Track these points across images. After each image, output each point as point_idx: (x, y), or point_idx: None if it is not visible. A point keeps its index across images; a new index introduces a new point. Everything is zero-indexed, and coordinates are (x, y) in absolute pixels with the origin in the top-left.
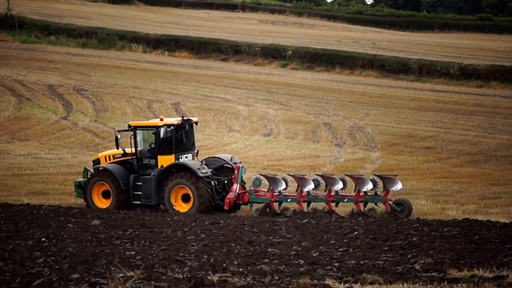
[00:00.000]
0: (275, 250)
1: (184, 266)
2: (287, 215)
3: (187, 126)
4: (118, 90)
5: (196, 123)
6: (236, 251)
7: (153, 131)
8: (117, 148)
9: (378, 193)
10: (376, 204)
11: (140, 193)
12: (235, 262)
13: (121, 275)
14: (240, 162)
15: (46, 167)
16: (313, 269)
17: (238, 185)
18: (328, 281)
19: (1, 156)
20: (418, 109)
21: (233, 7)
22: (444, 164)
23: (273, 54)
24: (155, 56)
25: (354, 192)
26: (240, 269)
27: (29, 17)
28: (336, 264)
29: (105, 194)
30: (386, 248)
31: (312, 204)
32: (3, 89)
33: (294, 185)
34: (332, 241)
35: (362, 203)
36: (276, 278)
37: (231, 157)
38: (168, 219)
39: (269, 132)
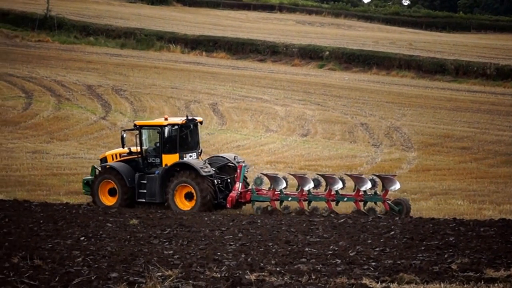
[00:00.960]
0: (312, 250)
1: (222, 265)
2: (324, 214)
3: (191, 125)
4: (156, 90)
5: (201, 122)
6: (274, 250)
7: (158, 130)
8: (123, 147)
9: (378, 192)
10: (375, 203)
11: (145, 191)
12: (273, 262)
13: (159, 274)
14: (243, 161)
15: (85, 167)
16: (350, 269)
17: (241, 183)
18: (365, 281)
19: (40, 156)
20: (454, 110)
21: (270, 8)
22: (480, 164)
23: (310, 54)
24: (193, 56)
25: (354, 191)
26: (278, 269)
27: (69, 18)
28: (373, 263)
29: (111, 192)
30: (422, 248)
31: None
32: (42, 89)
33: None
34: (369, 241)
35: (362, 202)
36: (313, 277)
37: (235, 156)
38: (206, 218)
39: (306, 132)
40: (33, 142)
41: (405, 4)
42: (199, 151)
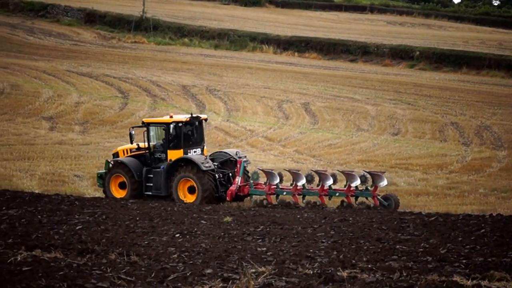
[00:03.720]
0: (403, 247)
1: (314, 262)
2: (414, 212)
3: (196, 122)
4: (249, 90)
5: (206, 119)
6: (365, 247)
7: (164, 127)
8: (131, 143)
9: (368, 188)
10: (366, 198)
11: (152, 184)
12: (364, 259)
13: (253, 270)
14: (245, 157)
15: None
16: (441, 266)
17: (240, 178)
18: (456, 278)
19: None
20: None
21: (361, 9)
22: None
23: (401, 54)
24: (285, 57)
25: (345, 186)
26: (369, 266)
27: (164, 20)
28: (464, 261)
29: (122, 185)
30: None
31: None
32: (138, 90)
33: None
34: (460, 239)
35: (353, 197)
36: (404, 274)
37: (236, 152)
38: (298, 216)
39: (397, 131)
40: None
41: (495, 4)
42: (203, 146)
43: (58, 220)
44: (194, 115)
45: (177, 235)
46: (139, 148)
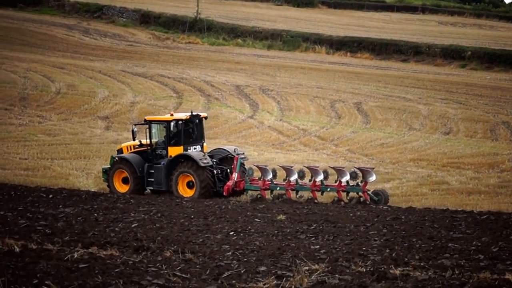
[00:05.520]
0: (455, 245)
1: (367, 260)
2: (466, 210)
3: (196, 120)
4: (302, 90)
5: (206, 118)
6: (418, 245)
7: (164, 125)
8: (134, 140)
9: (359, 183)
10: (357, 193)
11: (153, 179)
12: (417, 257)
13: (306, 268)
14: (243, 153)
15: None
16: (493, 264)
17: (237, 173)
18: (508, 276)
19: None
20: None
21: (413, 9)
22: None
23: (452, 54)
24: (338, 57)
25: (336, 182)
26: (422, 264)
27: (217, 21)
28: None
29: (125, 180)
30: None
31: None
32: (192, 89)
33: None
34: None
35: (344, 192)
36: (457, 272)
37: (235, 149)
38: (351, 214)
39: (449, 130)
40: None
41: None
42: (203, 143)
43: (114, 218)
44: (194, 113)
45: (231, 233)
46: (141, 145)
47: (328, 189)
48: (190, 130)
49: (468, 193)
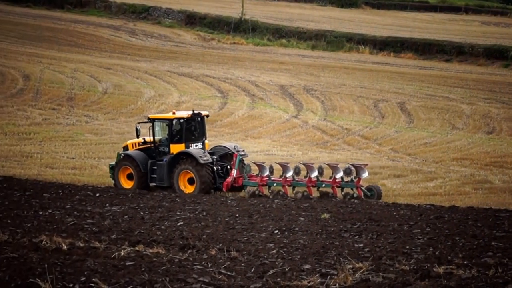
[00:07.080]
0: (499, 244)
1: (411, 258)
2: (509, 209)
3: (198, 118)
4: (345, 90)
5: (207, 116)
6: (461, 244)
7: (167, 123)
8: (137, 138)
9: (353, 179)
10: (352, 189)
11: (156, 176)
12: (460, 255)
13: (350, 266)
14: (243, 151)
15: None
16: None
17: (236, 170)
18: None
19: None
20: None
21: (456, 10)
22: None
23: (495, 54)
24: (381, 57)
25: (330, 178)
26: (465, 262)
27: (262, 21)
28: None
29: (129, 177)
30: None
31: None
32: (237, 89)
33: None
34: None
35: (339, 188)
36: (500, 271)
37: (235, 146)
38: (395, 213)
39: (492, 130)
40: (229, 140)
41: None
42: (204, 141)
43: (160, 216)
44: (195, 112)
45: (276, 231)
46: (145, 142)
47: (323, 185)
48: (192, 128)
49: (511, 192)
